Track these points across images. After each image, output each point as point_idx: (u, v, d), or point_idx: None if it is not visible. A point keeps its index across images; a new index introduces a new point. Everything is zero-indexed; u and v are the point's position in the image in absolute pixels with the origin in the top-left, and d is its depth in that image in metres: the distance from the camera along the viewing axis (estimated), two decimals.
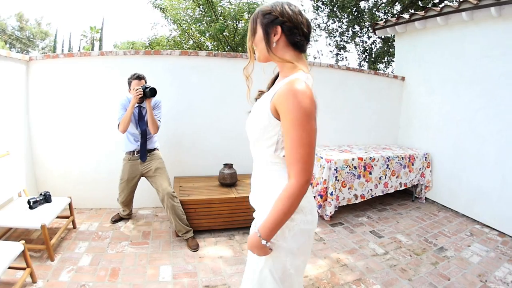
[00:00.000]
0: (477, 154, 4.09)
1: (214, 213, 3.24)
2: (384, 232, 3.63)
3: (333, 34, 11.75)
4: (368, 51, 11.42)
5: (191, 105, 3.77)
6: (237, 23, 10.13)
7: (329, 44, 12.21)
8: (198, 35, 11.03)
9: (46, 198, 2.89)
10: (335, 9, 10.67)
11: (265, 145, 1.19)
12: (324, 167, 3.67)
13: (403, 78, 5.21)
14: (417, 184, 4.74)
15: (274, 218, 1.08)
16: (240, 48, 10.09)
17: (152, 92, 2.80)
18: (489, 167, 3.94)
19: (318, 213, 3.68)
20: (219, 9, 9.82)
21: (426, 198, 4.81)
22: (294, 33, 1.15)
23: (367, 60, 11.52)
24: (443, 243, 3.47)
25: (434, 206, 4.65)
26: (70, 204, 3.13)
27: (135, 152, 3.06)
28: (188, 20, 10.41)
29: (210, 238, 3.22)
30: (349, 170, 3.79)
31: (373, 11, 10.12)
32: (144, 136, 3.00)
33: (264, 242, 1.11)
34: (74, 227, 3.26)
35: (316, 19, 11.92)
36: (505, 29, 3.70)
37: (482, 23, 3.92)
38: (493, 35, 3.84)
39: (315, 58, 13.73)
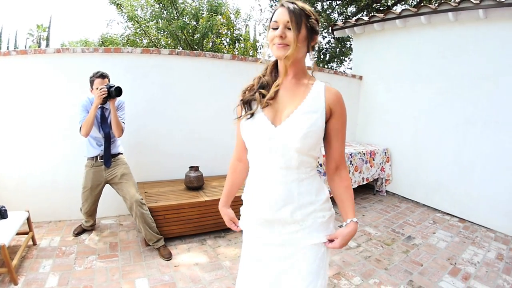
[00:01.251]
0: (435, 148, 4.35)
1: (184, 218, 3.10)
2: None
3: None
4: (322, 51, 11.79)
5: (152, 106, 3.57)
6: (196, 21, 9.95)
7: None
8: (155, 32, 10.67)
9: (2, 214, 2.53)
10: None
11: (316, 150, 1.17)
12: None
13: (360, 77, 5.40)
14: (378, 178, 4.93)
15: (353, 203, 1.21)
16: (196, 47, 9.91)
17: (118, 91, 2.58)
18: (447, 160, 4.22)
19: None
20: (180, 5, 9.57)
21: (386, 191, 5.03)
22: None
23: (321, 59, 11.90)
24: (409, 232, 3.63)
25: (395, 198, 4.87)
26: (28, 219, 2.78)
27: (98, 158, 2.80)
28: (148, 17, 10.03)
29: (182, 245, 3.06)
30: (317, 169, 3.82)
31: (328, 12, 10.46)
32: (108, 140, 2.76)
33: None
34: (34, 243, 2.91)
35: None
36: (461, 32, 3.98)
37: (440, 27, 4.18)
38: (449, 38, 4.10)
39: (269, 57, 13.87)
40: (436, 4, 4.10)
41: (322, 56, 11.79)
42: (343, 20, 10.01)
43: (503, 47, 3.60)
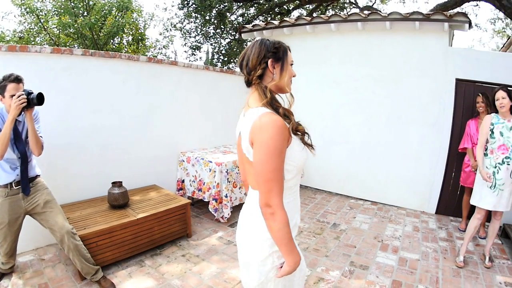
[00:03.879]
0: (343, 142, 4.91)
1: (117, 242, 2.76)
2: None
3: (189, 34, 11.87)
4: (221, 52, 11.98)
5: (64, 116, 3.01)
6: (104, 19, 8.85)
7: (185, 44, 12.24)
8: (55, 30, 9.04)
9: None
10: (190, 9, 10.76)
11: None
12: (215, 171, 3.62)
13: None
14: None
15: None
16: (102, 47, 8.87)
17: (40, 99, 2.06)
18: (355, 152, 4.80)
19: (215, 216, 3.67)
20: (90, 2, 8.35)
21: (301, 185, 5.38)
22: None
23: (220, 60, 12.08)
24: (333, 219, 4.00)
25: (309, 190, 5.28)
26: None
27: (13, 184, 2.19)
28: (52, 11, 8.40)
29: (121, 271, 2.70)
30: (238, 170, 3.86)
31: (227, 14, 10.66)
32: (25, 161, 2.18)
33: None
34: None
35: (173, 18, 11.83)
36: (367, 40, 4.55)
37: (348, 34, 4.69)
38: (357, 44, 4.64)
39: (169, 57, 13.53)
40: (347, 14, 4.61)
41: (221, 57, 11.99)
42: (243, 22, 10.48)
43: (405, 54, 4.29)
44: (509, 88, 2.78)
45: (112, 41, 10.34)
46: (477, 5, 10.29)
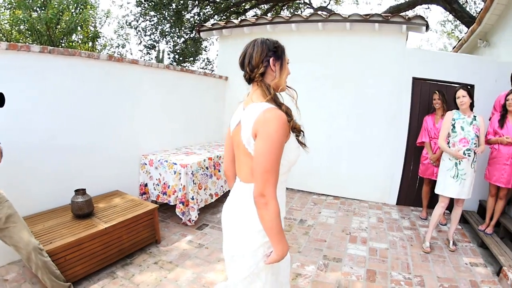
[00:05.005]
0: (305, 140, 4.97)
1: (87, 254, 2.56)
2: None
3: (145, 32, 11.48)
4: (177, 51, 11.70)
5: (21, 122, 2.74)
6: (61, 14, 8.17)
7: (140, 43, 11.84)
8: (8, 26, 8.15)
9: None
10: (147, 6, 10.38)
11: None
12: (180, 173, 3.50)
13: (226, 78, 5.61)
14: None
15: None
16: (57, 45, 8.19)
17: (1, 100, 1.86)
18: (316, 150, 4.88)
19: (182, 220, 3.58)
20: None
21: None
22: None
23: (176, 59, 11.80)
24: (299, 216, 4.07)
25: None
26: None
27: None
28: (4, 5, 7.54)
29: (92, 286, 2.51)
30: (203, 171, 3.78)
31: (183, 13, 10.43)
32: None
33: None
34: None
35: (128, 15, 11.38)
36: (327, 40, 4.67)
37: (308, 34, 4.79)
38: (317, 44, 4.75)
39: (121, 55, 12.95)
40: (307, 15, 4.70)
41: (177, 56, 11.71)
42: (199, 21, 10.30)
43: (364, 54, 4.48)
44: (468, 87, 3.04)
45: (66, 38, 9.66)
46: (429, 7, 11.03)
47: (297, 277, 2.66)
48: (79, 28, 9.28)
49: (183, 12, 10.30)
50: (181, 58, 11.82)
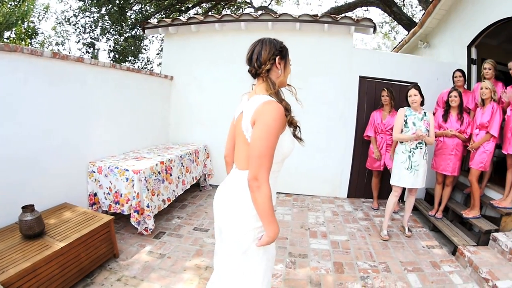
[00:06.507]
0: None
1: (44, 280, 2.19)
2: (205, 225, 3.68)
3: (84, 29, 10.55)
4: (118, 50, 11.01)
5: None
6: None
7: (79, 41, 10.88)
8: None
9: None
10: (89, 1, 9.59)
11: None
12: (133, 180, 3.22)
13: (171, 78, 5.35)
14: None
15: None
16: None
17: None
18: None
19: (138, 229, 3.30)
20: None
21: (210, 185, 5.27)
22: None
23: (116, 59, 11.09)
24: None
25: None
26: None
27: None
28: None
29: None
30: (155, 176, 3.52)
31: (125, 10, 9.81)
32: None
33: None
34: None
35: (67, 11, 10.42)
36: (279, 38, 4.64)
37: (256, 33, 4.55)
38: None
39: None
40: (258, 14, 4.68)
41: (117, 55, 11.01)
42: (142, 19, 9.77)
43: (313, 54, 4.59)
44: (419, 86, 3.28)
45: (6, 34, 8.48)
46: (368, 10, 11.75)
47: None
48: (20, 23, 8.17)
49: (126, 8, 9.72)
50: (121, 57, 11.07)
